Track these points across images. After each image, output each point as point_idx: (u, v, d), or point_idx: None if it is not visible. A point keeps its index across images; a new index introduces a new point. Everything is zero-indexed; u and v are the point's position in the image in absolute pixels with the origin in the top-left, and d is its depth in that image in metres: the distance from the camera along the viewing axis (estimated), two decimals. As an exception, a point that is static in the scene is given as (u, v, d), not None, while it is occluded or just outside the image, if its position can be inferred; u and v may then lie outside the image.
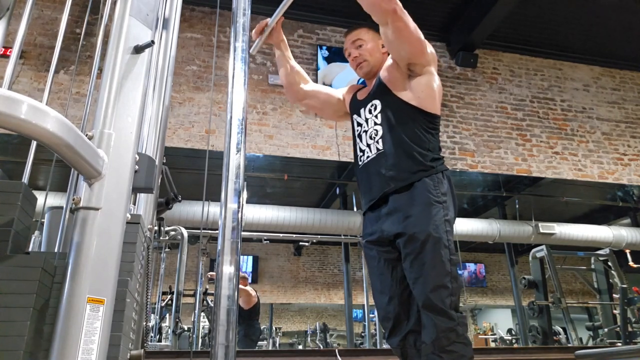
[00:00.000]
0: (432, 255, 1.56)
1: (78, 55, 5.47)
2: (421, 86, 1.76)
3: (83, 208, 1.03)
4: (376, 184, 1.76)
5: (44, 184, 7.66)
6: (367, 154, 1.82)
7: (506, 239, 8.20)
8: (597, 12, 6.55)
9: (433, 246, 1.56)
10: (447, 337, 1.49)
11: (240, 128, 1.79)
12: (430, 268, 1.55)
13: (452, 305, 1.52)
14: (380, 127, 1.79)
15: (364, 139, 1.85)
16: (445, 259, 1.56)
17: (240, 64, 1.89)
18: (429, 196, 1.63)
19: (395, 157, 1.72)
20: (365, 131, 1.85)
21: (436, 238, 1.57)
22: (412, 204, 1.63)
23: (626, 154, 7.09)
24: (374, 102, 1.84)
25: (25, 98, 0.87)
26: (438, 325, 1.50)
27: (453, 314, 1.51)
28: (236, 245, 1.63)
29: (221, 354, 1.47)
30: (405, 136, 1.73)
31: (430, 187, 1.65)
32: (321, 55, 6.27)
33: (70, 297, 0.96)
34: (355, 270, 12.21)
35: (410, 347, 1.65)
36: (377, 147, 1.78)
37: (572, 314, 7.04)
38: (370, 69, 1.91)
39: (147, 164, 1.27)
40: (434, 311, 1.51)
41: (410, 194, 1.66)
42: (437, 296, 1.52)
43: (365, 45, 1.89)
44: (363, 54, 1.89)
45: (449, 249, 1.59)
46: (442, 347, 1.49)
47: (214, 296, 1.64)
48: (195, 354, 3.75)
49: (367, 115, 1.86)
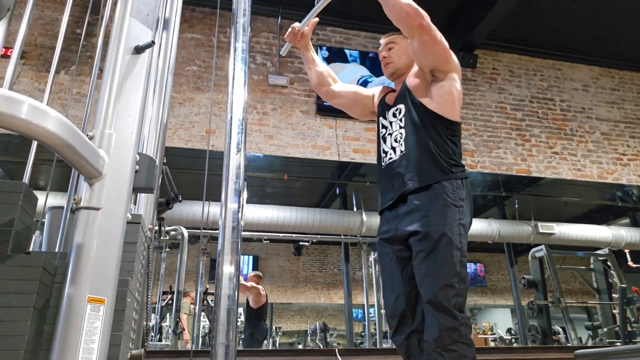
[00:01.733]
0: (444, 254, 1.59)
1: (79, 55, 5.47)
2: (441, 91, 1.83)
3: (84, 208, 1.03)
4: (396, 184, 1.81)
5: (45, 184, 7.66)
6: (389, 156, 1.89)
7: (506, 238, 8.20)
8: (596, 12, 6.55)
9: (446, 246, 1.59)
10: (449, 336, 1.50)
11: (241, 128, 1.80)
12: (440, 267, 1.58)
13: (457, 306, 1.54)
14: (404, 129, 1.86)
15: (389, 142, 1.91)
16: (457, 260, 1.59)
17: (241, 64, 1.89)
18: (447, 199, 1.67)
19: (416, 159, 1.77)
20: (390, 134, 1.92)
21: (450, 238, 1.60)
22: (429, 205, 1.68)
23: (625, 154, 7.09)
24: (399, 107, 1.92)
25: (26, 98, 0.87)
26: (441, 323, 1.51)
27: (457, 314, 1.53)
28: (236, 245, 1.64)
29: (221, 354, 1.47)
30: (427, 139, 1.79)
31: (448, 190, 1.69)
32: (321, 56, 6.27)
33: (70, 297, 0.96)
34: (355, 270, 12.21)
35: (414, 347, 1.66)
36: (401, 150, 1.84)
37: (571, 313, 7.04)
38: (394, 71, 2.00)
39: (148, 164, 1.27)
40: (439, 309, 1.53)
41: (429, 195, 1.70)
42: (444, 295, 1.54)
43: (395, 48, 2.00)
44: (391, 55, 2.00)
45: (461, 251, 1.62)
46: (444, 345, 1.50)
47: (214, 296, 1.65)
48: (195, 354, 3.75)
49: (392, 118, 1.93)
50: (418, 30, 1.73)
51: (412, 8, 1.72)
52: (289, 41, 2.17)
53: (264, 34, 6.28)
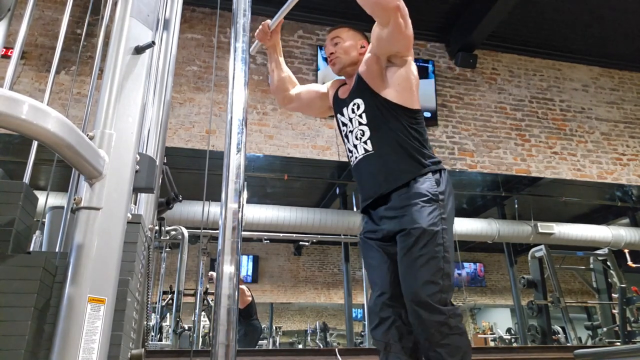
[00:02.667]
0: (425, 251, 1.55)
1: (79, 55, 5.47)
2: (399, 78, 1.75)
3: (84, 208, 1.04)
4: (370, 185, 1.76)
5: (45, 184, 7.66)
6: (355, 154, 1.82)
7: (505, 238, 8.20)
8: (596, 12, 6.55)
9: (426, 242, 1.55)
10: (439, 332, 1.49)
11: (241, 128, 1.80)
12: (421, 264, 1.54)
13: (441, 302, 1.51)
14: (367, 127, 1.77)
15: (351, 139, 1.84)
16: (439, 256, 1.55)
17: (241, 64, 1.90)
18: (425, 194, 1.63)
19: (385, 157, 1.72)
20: (351, 131, 1.83)
21: (430, 234, 1.56)
22: (408, 202, 1.63)
23: (625, 154, 7.10)
24: (356, 101, 1.82)
25: (27, 98, 0.87)
26: (428, 321, 1.49)
27: (442, 308, 1.50)
28: (236, 245, 1.64)
29: (221, 353, 1.48)
30: (392, 136, 1.72)
31: (426, 186, 1.65)
32: (321, 56, 6.28)
33: (71, 297, 0.97)
34: (355, 269, 12.21)
35: (394, 343, 1.62)
36: (366, 148, 1.77)
37: (571, 313, 7.05)
38: (342, 66, 1.90)
39: (148, 164, 1.28)
40: (423, 307, 1.50)
41: (407, 193, 1.65)
42: (425, 291, 1.50)
43: (341, 43, 1.89)
44: (337, 50, 1.89)
45: (444, 246, 1.57)
46: (437, 342, 1.49)
47: (214, 295, 1.65)
48: (195, 353, 3.75)
49: (351, 114, 1.84)
50: (394, 13, 1.62)
51: None
52: (259, 39, 2.06)
53: (263, 34, 6.27)
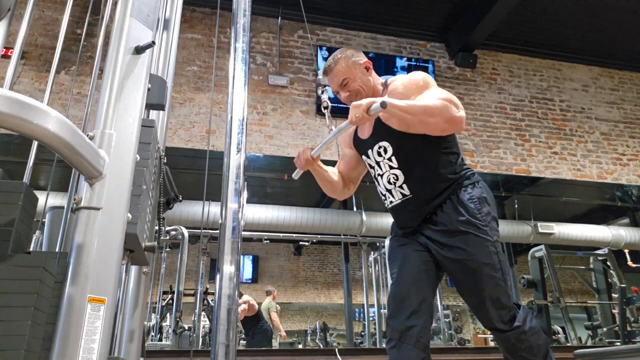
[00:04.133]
0: (487, 281, 1.59)
1: (79, 55, 5.47)
2: None
3: (84, 208, 1.03)
4: (411, 218, 1.73)
5: (45, 184, 7.66)
6: (390, 199, 1.76)
7: (505, 238, 8.19)
8: (596, 13, 6.55)
9: (488, 274, 1.59)
10: (519, 340, 1.59)
11: (241, 128, 1.80)
12: (487, 296, 1.59)
13: (512, 319, 1.59)
14: (399, 170, 1.71)
15: (382, 184, 1.77)
16: (500, 283, 1.60)
17: (241, 64, 1.90)
18: (474, 222, 1.61)
19: (426, 198, 1.69)
20: (381, 175, 1.77)
21: (490, 265, 1.60)
22: (458, 228, 1.61)
23: (625, 154, 7.09)
24: (381, 144, 1.74)
25: (27, 98, 0.87)
26: (506, 337, 1.60)
27: (516, 324, 1.59)
28: (236, 245, 1.64)
29: (221, 353, 1.48)
30: (429, 173, 1.68)
31: (472, 207, 1.63)
32: (321, 56, 6.28)
33: (71, 297, 0.97)
34: (355, 270, 12.20)
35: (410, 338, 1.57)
36: (403, 193, 1.72)
37: (571, 313, 7.05)
38: (365, 96, 1.77)
39: (159, 83, 1.41)
40: (500, 331, 1.60)
41: (455, 214, 1.63)
42: (497, 319, 1.59)
43: (351, 83, 1.76)
44: (354, 91, 1.77)
45: (502, 270, 1.62)
46: (520, 348, 1.59)
47: (214, 295, 1.65)
48: (195, 353, 3.75)
49: (377, 158, 1.76)
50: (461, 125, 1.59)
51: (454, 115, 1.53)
52: (300, 167, 1.87)
53: (264, 34, 6.27)
